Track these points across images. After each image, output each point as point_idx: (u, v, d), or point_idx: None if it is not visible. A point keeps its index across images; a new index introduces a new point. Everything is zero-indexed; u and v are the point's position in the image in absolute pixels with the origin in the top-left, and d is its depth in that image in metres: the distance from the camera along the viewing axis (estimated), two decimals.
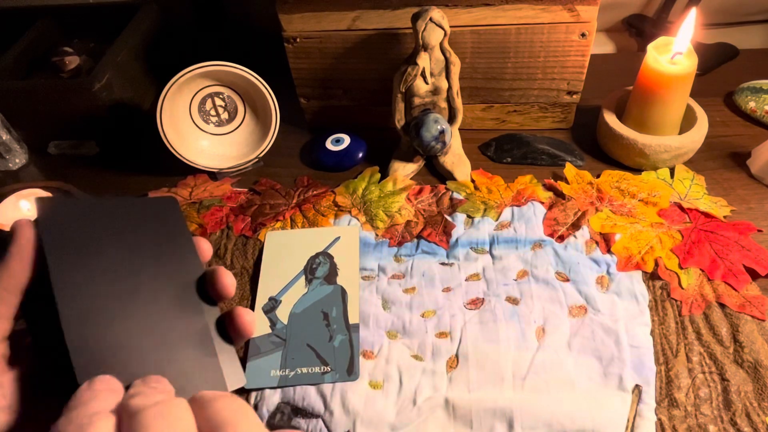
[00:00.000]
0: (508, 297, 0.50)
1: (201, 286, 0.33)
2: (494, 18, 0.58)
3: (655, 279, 0.50)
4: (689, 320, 0.47)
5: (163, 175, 0.66)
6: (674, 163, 0.60)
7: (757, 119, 0.66)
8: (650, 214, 0.55)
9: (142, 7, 0.77)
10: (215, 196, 0.63)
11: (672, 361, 0.44)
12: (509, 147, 0.65)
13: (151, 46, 0.76)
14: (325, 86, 0.67)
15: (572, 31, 0.58)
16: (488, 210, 0.58)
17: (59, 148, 0.72)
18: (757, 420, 0.40)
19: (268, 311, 0.51)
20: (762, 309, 0.47)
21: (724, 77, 0.72)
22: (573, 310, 0.48)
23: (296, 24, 0.61)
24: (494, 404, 0.42)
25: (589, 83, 0.63)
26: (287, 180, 0.65)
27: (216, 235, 0.59)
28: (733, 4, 0.78)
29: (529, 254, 0.53)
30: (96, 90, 0.65)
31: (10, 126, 0.69)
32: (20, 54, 0.73)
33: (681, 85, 0.56)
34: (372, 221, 0.58)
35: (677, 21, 0.56)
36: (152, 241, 0.32)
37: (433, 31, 0.54)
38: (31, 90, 0.68)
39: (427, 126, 0.58)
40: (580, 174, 0.60)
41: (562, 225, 0.55)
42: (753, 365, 0.43)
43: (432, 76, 0.58)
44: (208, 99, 0.64)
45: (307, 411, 0.44)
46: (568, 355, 0.45)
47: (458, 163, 0.62)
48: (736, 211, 0.55)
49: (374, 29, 0.61)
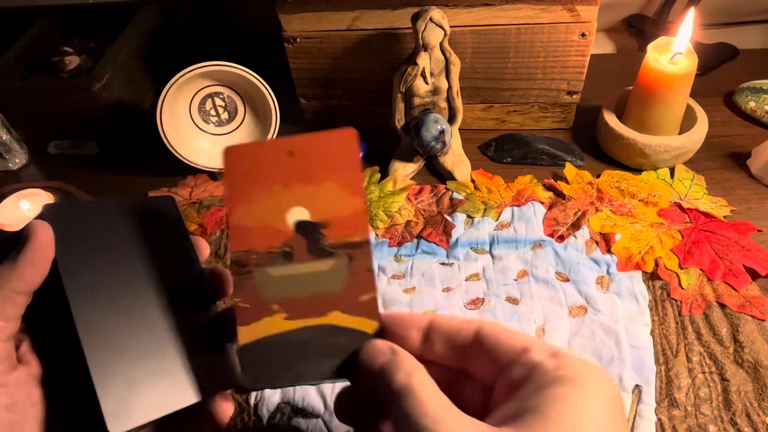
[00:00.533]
0: (508, 297, 0.50)
1: (199, 284, 0.33)
2: (494, 18, 0.58)
3: (655, 279, 0.50)
4: (689, 320, 0.47)
5: (163, 175, 0.66)
6: (674, 163, 0.60)
7: (757, 119, 0.66)
8: (650, 214, 0.55)
9: (142, 7, 0.77)
10: (215, 196, 0.63)
11: (672, 361, 0.44)
12: (509, 147, 0.65)
13: (151, 46, 0.76)
14: (325, 86, 0.67)
15: (572, 31, 0.58)
16: (488, 210, 0.58)
17: (59, 148, 0.72)
18: (757, 420, 0.40)
19: None
20: (762, 309, 0.47)
21: (724, 77, 0.72)
22: (573, 310, 0.49)
23: (296, 24, 0.61)
24: None
25: (589, 83, 0.63)
26: None
27: (216, 235, 0.59)
28: (733, 4, 0.78)
29: (529, 254, 0.53)
30: (96, 90, 0.65)
31: (10, 126, 0.69)
32: (20, 54, 0.73)
33: (681, 85, 0.56)
34: (372, 221, 0.58)
35: (677, 21, 0.56)
36: (152, 239, 0.32)
37: (433, 31, 0.54)
38: (31, 90, 0.68)
39: (427, 126, 0.58)
40: (580, 174, 0.60)
41: (562, 225, 0.55)
42: (753, 365, 0.43)
43: (432, 76, 0.58)
44: (208, 99, 0.64)
45: (307, 411, 0.44)
46: None
47: (458, 163, 0.62)
48: (736, 211, 0.55)
49: (374, 29, 0.61)
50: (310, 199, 0.35)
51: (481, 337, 0.27)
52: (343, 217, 0.34)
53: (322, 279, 0.34)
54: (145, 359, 0.29)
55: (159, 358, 0.29)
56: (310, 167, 0.35)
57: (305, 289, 0.34)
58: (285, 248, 0.34)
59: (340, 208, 0.34)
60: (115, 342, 0.28)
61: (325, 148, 0.35)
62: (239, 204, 0.34)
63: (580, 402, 0.22)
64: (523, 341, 0.26)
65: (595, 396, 0.23)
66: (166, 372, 0.29)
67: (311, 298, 0.34)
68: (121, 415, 0.27)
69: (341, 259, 0.33)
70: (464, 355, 0.27)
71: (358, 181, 0.34)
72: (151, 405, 0.28)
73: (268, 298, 0.33)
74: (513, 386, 0.24)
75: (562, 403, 0.22)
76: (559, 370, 0.23)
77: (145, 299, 0.30)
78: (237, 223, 0.34)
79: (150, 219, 0.33)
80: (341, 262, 0.33)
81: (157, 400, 0.28)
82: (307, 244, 0.34)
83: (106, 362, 0.27)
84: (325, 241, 0.34)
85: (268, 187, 0.34)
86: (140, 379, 0.28)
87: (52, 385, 0.28)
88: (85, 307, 0.28)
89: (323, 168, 0.35)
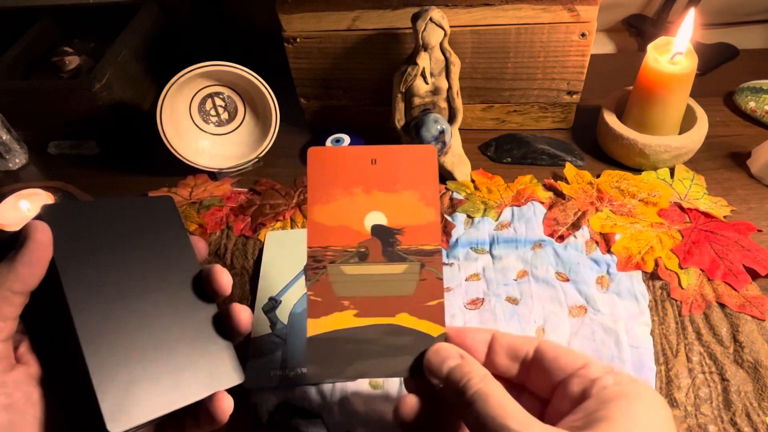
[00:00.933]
0: (508, 297, 0.50)
1: (198, 283, 0.33)
2: (494, 18, 0.58)
3: (655, 279, 0.50)
4: (689, 320, 0.47)
5: (163, 175, 0.66)
6: (674, 163, 0.60)
7: (757, 119, 0.66)
8: (650, 214, 0.55)
9: (142, 7, 0.77)
10: (215, 196, 0.63)
11: (672, 361, 0.44)
12: (509, 147, 0.65)
13: (151, 46, 0.76)
14: (325, 86, 0.67)
15: (572, 31, 0.58)
16: (488, 210, 0.58)
17: (59, 148, 0.72)
18: (758, 420, 0.40)
19: (268, 311, 0.51)
20: (762, 309, 0.47)
21: (724, 77, 0.72)
22: (573, 310, 0.48)
23: (296, 24, 0.61)
24: None
25: (589, 83, 0.63)
26: (287, 180, 0.65)
27: (216, 235, 0.59)
28: (733, 4, 0.78)
29: (529, 254, 0.53)
30: (96, 90, 0.65)
31: (10, 126, 0.69)
32: (20, 54, 0.73)
33: (681, 85, 0.56)
34: None
35: (677, 21, 0.56)
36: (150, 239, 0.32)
37: (433, 31, 0.54)
38: (31, 90, 0.68)
39: (427, 126, 0.58)
40: (580, 174, 0.60)
41: (562, 225, 0.55)
42: (753, 365, 0.43)
43: (432, 76, 0.58)
44: (208, 99, 0.64)
45: (307, 411, 0.44)
46: None
47: (458, 163, 0.62)
48: (736, 211, 0.55)
49: (374, 29, 0.61)
50: (389, 205, 0.37)
51: (541, 353, 0.29)
52: (418, 226, 0.37)
53: (394, 281, 0.36)
54: (144, 359, 0.29)
55: (158, 357, 0.29)
56: (391, 176, 0.38)
57: (377, 289, 0.36)
58: (360, 248, 0.36)
59: (416, 217, 0.37)
60: (114, 341, 0.28)
61: (407, 160, 0.38)
62: (319, 203, 0.36)
63: (643, 416, 0.25)
64: (581, 359, 0.28)
65: (655, 411, 0.25)
66: (166, 371, 0.29)
67: (382, 298, 0.36)
68: (121, 415, 0.27)
69: (414, 265, 0.36)
70: (524, 368, 0.30)
71: (436, 194, 0.37)
72: (150, 404, 0.28)
73: (340, 294, 0.36)
74: (573, 399, 0.27)
75: (627, 416, 0.24)
76: (619, 386, 0.26)
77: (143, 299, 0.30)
78: (316, 221, 0.36)
79: (149, 219, 0.33)
80: (413, 267, 0.36)
81: (157, 399, 0.28)
82: (382, 246, 0.37)
83: (105, 362, 0.27)
84: (400, 246, 0.37)
85: (349, 190, 0.37)
86: (139, 379, 0.28)
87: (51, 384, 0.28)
88: (84, 307, 0.28)
89: (404, 178, 0.37)
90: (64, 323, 0.27)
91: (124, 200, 0.33)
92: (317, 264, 0.37)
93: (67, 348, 0.27)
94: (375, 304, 0.37)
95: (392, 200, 0.38)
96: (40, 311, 0.28)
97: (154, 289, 0.31)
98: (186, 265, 0.33)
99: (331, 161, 0.38)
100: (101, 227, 0.30)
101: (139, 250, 0.31)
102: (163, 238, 0.33)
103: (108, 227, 0.31)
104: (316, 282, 0.36)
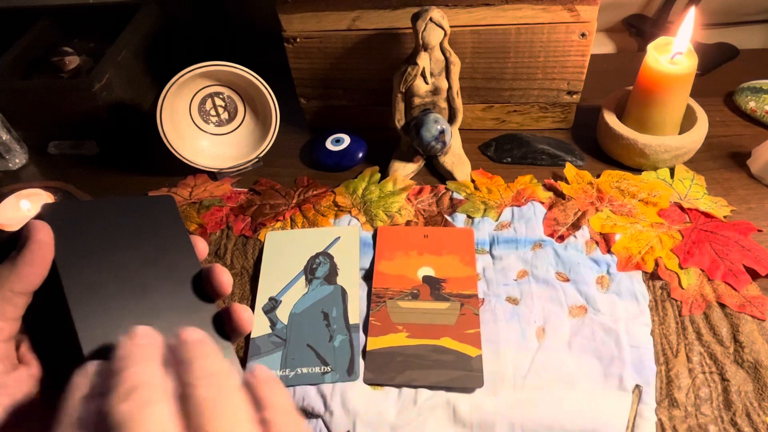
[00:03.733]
0: (508, 297, 0.50)
1: (198, 283, 0.33)
2: (494, 18, 0.58)
3: (655, 279, 0.50)
4: (689, 320, 0.47)
5: (163, 175, 0.66)
6: (674, 163, 0.60)
7: (757, 119, 0.66)
8: (650, 214, 0.55)
9: (142, 7, 0.77)
10: (215, 196, 0.63)
11: (672, 361, 0.44)
12: (509, 147, 0.65)
13: (151, 46, 0.76)
14: (325, 86, 0.67)
15: (572, 31, 0.58)
16: (488, 210, 0.58)
17: (59, 148, 0.72)
18: (758, 420, 0.40)
19: (269, 311, 0.51)
20: (762, 309, 0.47)
21: (724, 77, 0.72)
22: (573, 310, 0.48)
23: (296, 24, 0.61)
24: (494, 404, 0.42)
25: (589, 83, 0.63)
26: (287, 180, 0.65)
27: (216, 235, 0.59)
28: (733, 4, 0.78)
29: (529, 254, 0.53)
30: (96, 90, 0.65)
31: (10, 126, 0.69)
32: (20, 54, 0.73)
33: (681, 85, 0.56)
34: (372, 221, 0.58)
35: (677, 21, 0.56)
36: (150, 239, 0.32)
37: (433, 31, 0.54)
38: (31, 90, 0.68)
39: (427, 126, 0.58)
40: (580, 174, 0.60)
41: (562, 225, 0.55)
42: (753, 365, 0.43)
43: (432, 76, 0.58)
44: (208, 99, 0.64)
45: (307, 411, 0.44)
46: (568, 356, 0.45)
47: (458, 163, 0.62)
48: (736, 211, 0.55)
49: (374, 29, 0.61)
50: (436, 263, 0.52)
51: None
52: (459, 278, 0.50)
53: (439, 314, 0.48)
54: None
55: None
56: (438, 245, 0.53)
57: (425, 318, 0.48)
58: (413, 290, 0.50)
59: (457, 271, 0.51)
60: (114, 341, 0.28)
61: (451, 236, 0.54)
62: (384, 259, 0.52)
63: None
64: None
65: None
66: None
67: (429, 325, 0.47)
68: None
69: (455, 303, 0.48)
70: None
71: (473, 258, 0.52)
72: None
73: (395, 320, 0.48)
74: None
75: None
76: None
77: (144, 299, 0.30)
78: (380, 271, 0.52)
79: (149, 219, 0.33)
80: (455, 305, 0.48)
81: None
82: (430, 290, 0.50)
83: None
84: (444, 291, 0.49)
85: (407, 252, 0.53)
86: None
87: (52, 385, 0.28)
88: (84, 307, 0.28)
89: (448, 247, 0.53)
90: (64, 323, 0.27)
91: (124, 200, 0.32)
92: (379, 299, 0.49)
93: (68, 348, 0.27)
94: (423, 329, 0.47)
95: (439, 260, 0.52)
96: (41, 312, 0.28)
97: (155, 288, 0.31)
98: (186, 264, 0.33)
99: (394, 234, 0.54)
100: (101, 227, 0.30)
101: (140, 250, 0.31)
102: (163, 237, 0.33)
103: (108, 227, 0.31)
104: (377, 311, 0.48)
